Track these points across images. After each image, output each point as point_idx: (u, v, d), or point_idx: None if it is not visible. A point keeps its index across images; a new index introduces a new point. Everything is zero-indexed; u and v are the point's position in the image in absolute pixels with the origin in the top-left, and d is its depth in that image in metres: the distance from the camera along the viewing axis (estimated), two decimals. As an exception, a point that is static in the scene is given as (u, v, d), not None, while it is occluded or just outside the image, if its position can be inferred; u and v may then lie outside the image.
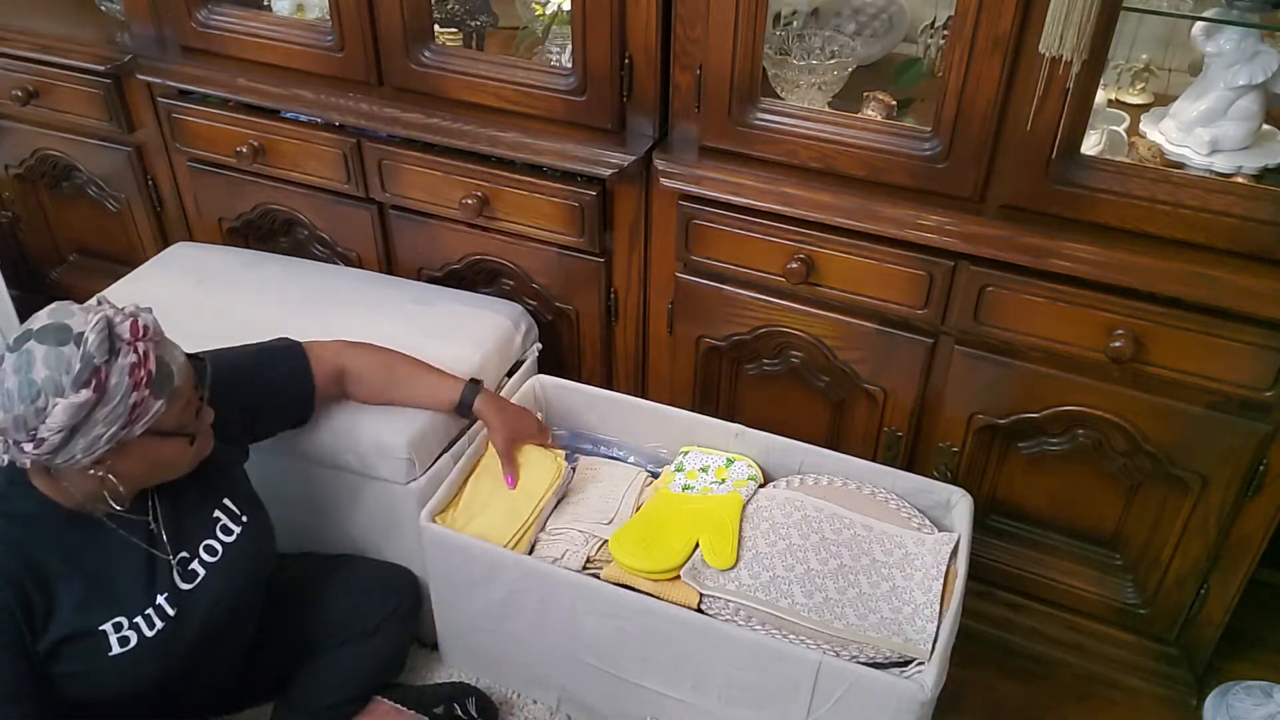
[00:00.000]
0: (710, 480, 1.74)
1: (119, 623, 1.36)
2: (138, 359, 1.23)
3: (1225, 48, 1.52)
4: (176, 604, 1.41)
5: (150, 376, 1.24)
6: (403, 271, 2.13)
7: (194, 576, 1.44)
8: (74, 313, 1.25)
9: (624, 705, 1.68)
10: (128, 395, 1.22)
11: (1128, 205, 1.49)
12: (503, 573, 1.62)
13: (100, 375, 1.21)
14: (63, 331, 1.22)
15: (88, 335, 1.21)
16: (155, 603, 1.39)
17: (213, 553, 1.47)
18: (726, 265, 1.78)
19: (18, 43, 2.20)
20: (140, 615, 1.38)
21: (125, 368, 1.22)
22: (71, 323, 1.23)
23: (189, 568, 1.44)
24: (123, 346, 1.23)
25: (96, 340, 1.21)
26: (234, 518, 1.51)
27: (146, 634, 1.38)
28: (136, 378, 1.23)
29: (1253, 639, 1.94)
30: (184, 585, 1.43)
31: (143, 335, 1.25)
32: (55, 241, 2.58)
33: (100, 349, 1.21)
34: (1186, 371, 1.55)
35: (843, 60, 1.81)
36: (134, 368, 1.23)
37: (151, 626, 1.38)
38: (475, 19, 2.02)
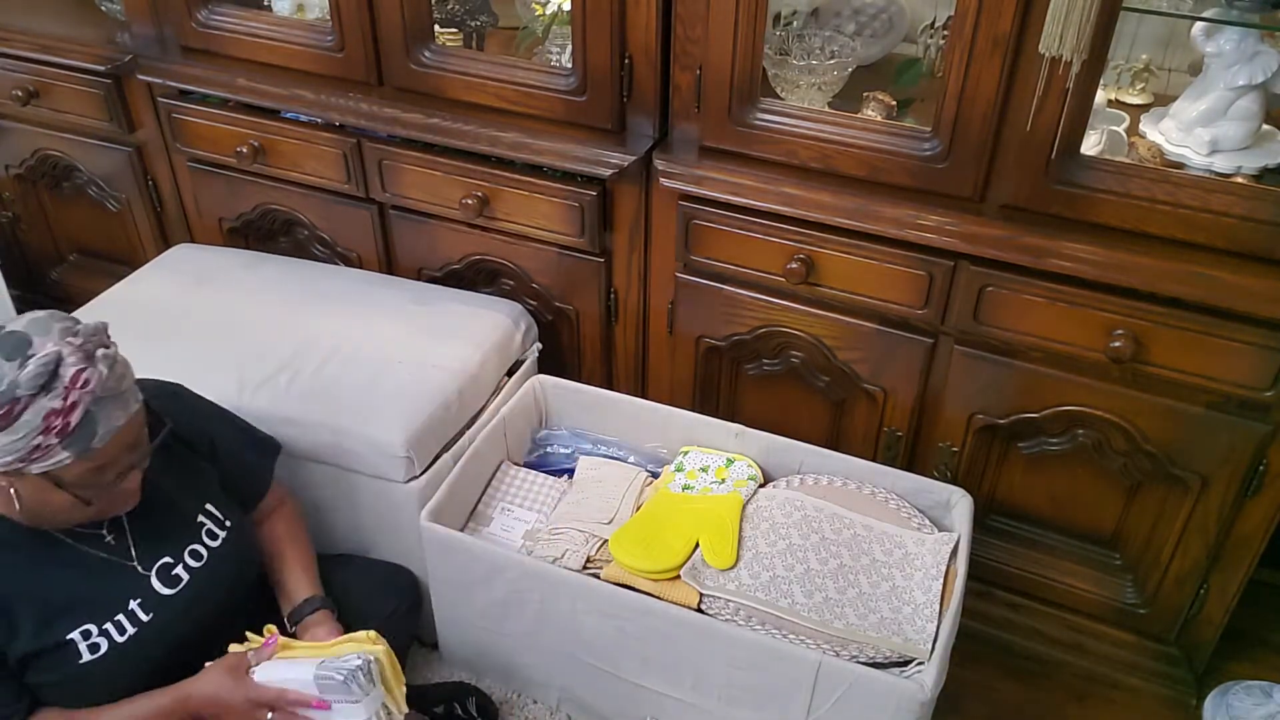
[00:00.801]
0: (710, 480, 1.74)
1: (87, 630, 1.36)
2: (61, 407, 1.19)
3: (1225, 48, 1.52)
4: (154, 609, 1.41)
5: (66, 428, 1.20)
6: (403, 271, 2.13)
7: (177, 581, 1.44)
8: (50, 331, 1.22)
9: (624, 705, 1.68)
10: (33, 435, 1.19)
11: (1127, 205, 1.49)
12: (503, 573, 1.62)
13: (15, 406, 1.18)
14: (19, 347, 1.20)
15: (30, 364, 1.18)
16: (127, 608, 1.39)
17: (198, 557, 1.47)
18: (726, 265, 1.78)
19: (18, 43, 2.20)
20: (109, 622, 1.37)
21: (44, 409, 1.19)
22: (35, 342, 1.20)
23: (172, 573, 1.44)
24: (56, 388, 1.19)
25: (34, 372, 1.18)
26: (218, 523, 1.51)
27: (117, 639, 1.37)
28: (50, 423, 1.19)
29: (1253, 639, 1.94)
30: (166, 590, 1.42)
31: (80, 386, 1.21)
32: (55, 241, 2.58)
33: (31, 382, 1.18)
34: (1186, 371, 1.55)
35: (843, 60, 1.81)
36: (53, 414, 1.19)
37: (123, 632, 1.38)
38: (475, 19, 2.03)
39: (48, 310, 1.27)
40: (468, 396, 1.82)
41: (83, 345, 1.23)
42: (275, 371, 1.79)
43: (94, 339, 1.26)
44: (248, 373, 1.79)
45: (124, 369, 1.29)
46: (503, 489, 1.82)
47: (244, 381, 1.77)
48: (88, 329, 1.26)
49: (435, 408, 1.74)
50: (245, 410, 1.70)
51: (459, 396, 1.80)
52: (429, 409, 1.74)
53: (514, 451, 1.88)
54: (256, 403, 1.73)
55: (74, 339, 1.23)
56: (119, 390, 1.26)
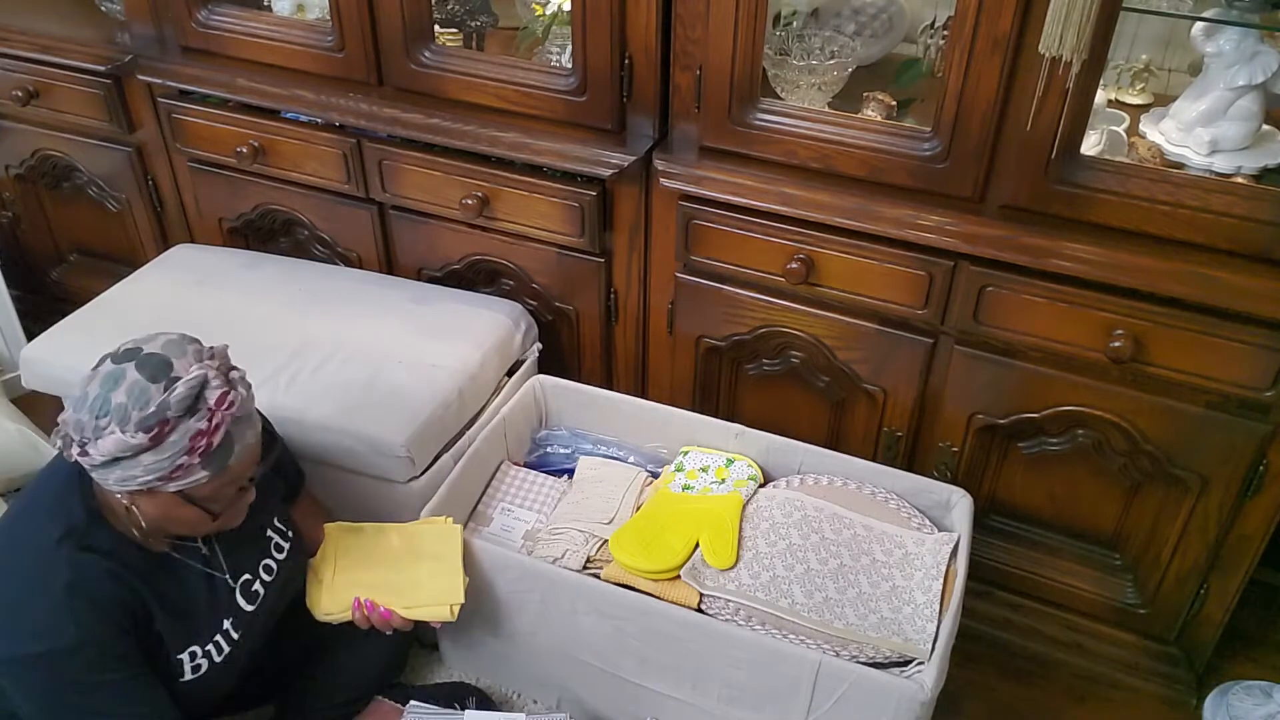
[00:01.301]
0: (710, 480, 1.74)
1: (194, 651, 1.39)
2: (206, 428, 1.23)
3: (1225, 48, 1.52)
4: (240, 626, 1.44)
5: (209, 448, 1.24)
6: (403, 271, 2.13)
7: (256, 597, 1.46)
8: (186, 353, 1.27)
9: (624, 705, 1.68)
10: (178, 456, 1.23)
11: (1127, 205, 1.49)
12: (503, 573, 1.62)
13: (165, 428, 1.21)
14: (163, 369, 1.23)
15: (179, 386, 1.22)
16: (223, 628, 1.42)
17: (270, 571, 1.49)
18: (726, 265, 1.78)
19: (18, 43, 2.20)
20: (211, 642, 1.40)
21: (191, 430, 1.23)
22: (177, 365, 1.24)
23: (252, 589, 1.46)
24: (202, 410, 1.23)
25: (183, 394, 1.22)
26: (283, 535, 1.53)
27: (216, 659, 1.40)
28: (195, 444, 1.23)
29: (1253, 639, 1.94)
30: (248, 607, 1.45)
31: (226, 407, 1.25)
32: (55, 241, 2.58)
33: (180, 404, 1.22)
34: (1186, 371, 1.55)
35: (843, 60, 1.81)
36: (198, 435, 1.23)
37: (220, 652, 1.41)
38: (475, 19, 2.03)
39: (171, 332, 1.30)
40: (468, 396, 1.83)
41: (220, 368, 1.27)
42: (275, 371, 1.79)
43: (225, 361, 1.30)
44: (248, 372, 1.78)
45: (250, 387, 1.33)
46: (503, 489, 1.82)
47: (244, 381, 1.77)
48: (220, 352, 1.31)
49: (435, 408, 1.75)
50: (245, 410, 1.70)
51: (459, 396, 1.80)
52: (429, 409, 1.74)
53: (514, 451, 1.88)
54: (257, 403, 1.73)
55: (211, 361, 1.27)
56: (250, 410, 1.31)
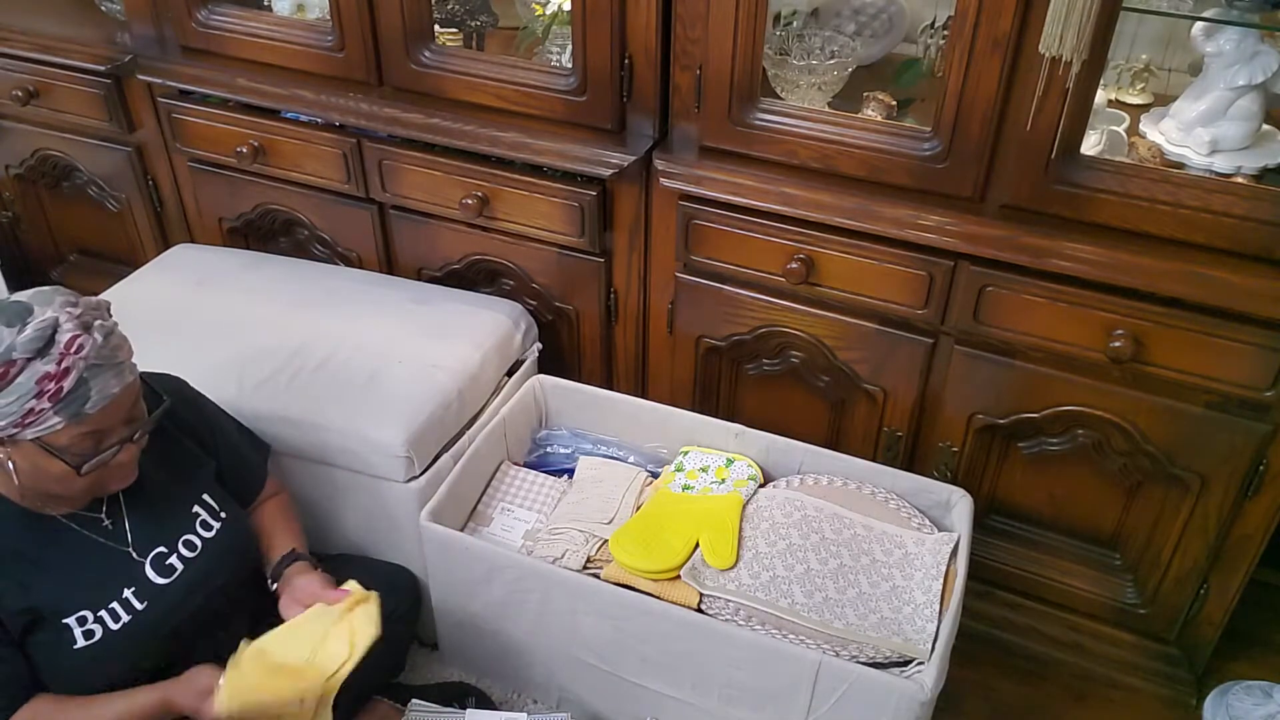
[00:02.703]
0: (710, 480, 1.74)
1: (83, 616, 1.37)
2: (54, 371, 1.22)
3: (1225, 48, 1.52)
4: (147, 597, 1.42)
5: (59, 392, 1.23)
6: (403, 271, 2.13)
7: (171, 571, 1.45)
8: (51, 302, 1.26)
9: (624, 705, 1.68)
10: (26, 398, 1.21)
11: (1127, 205, 1.49)
12: (503, 573, 1.62)
13: (10, 369, 1.21)
14: (20, 314, 1.23)
15: (27, 328, 1.22)
16: (121, 596, 1.40)
17: (192, 548, 1.48)
18: (726, 265, 1.78)
19: (18, 43, 2.20)
20: (104, 609, 1.39)
21: (38, 373, 1.21)
22: (36, 310, 1.24)
23: (166, 562, 1.45)
24: (51, 353, 1.22)
25: (31, 335, 1.21)
26: (213, 513, 1.52)
27: (112, 626, 1.39)
28: (43, 387, 1.22)
29: (1253, 639, 1.94)
30: (160, 579, 1.44)
31: (74, 352, 1.23)
32: (55, 241, 2.58)
33: (27, 346, 1.21)
34: (1186, 371, 1.55)
35: (843, 60, 1.81)
36: (45, 377, 1.22)
37: (117, 620, 1.39)
38: (475, 19, 2.03)
39: (54, 288, 1.30)
40: (468, 396, 1.82)
41: (81, 316, 1.26)
42: (275, 371, 1.79)
43: (93, 311, 1.29)
44: (248, 373, 1.79)
45: (120, 340, 1.32)
46: (503, 489, 1.82)
47: (244, 381, 1.77)
48: (88, 302, 1.30)
49: (435, 408, 1.74)
50: (245, 410, 1.70)
51: (459, 396, 1.80)
52: (429, 409, 1.74)
53: (514, 451, 1.88)
54: (256, 403, 1.73)
55: (73, 309, 1.26)
56: (114, 360, 1.29)
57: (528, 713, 1.74)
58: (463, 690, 1.76)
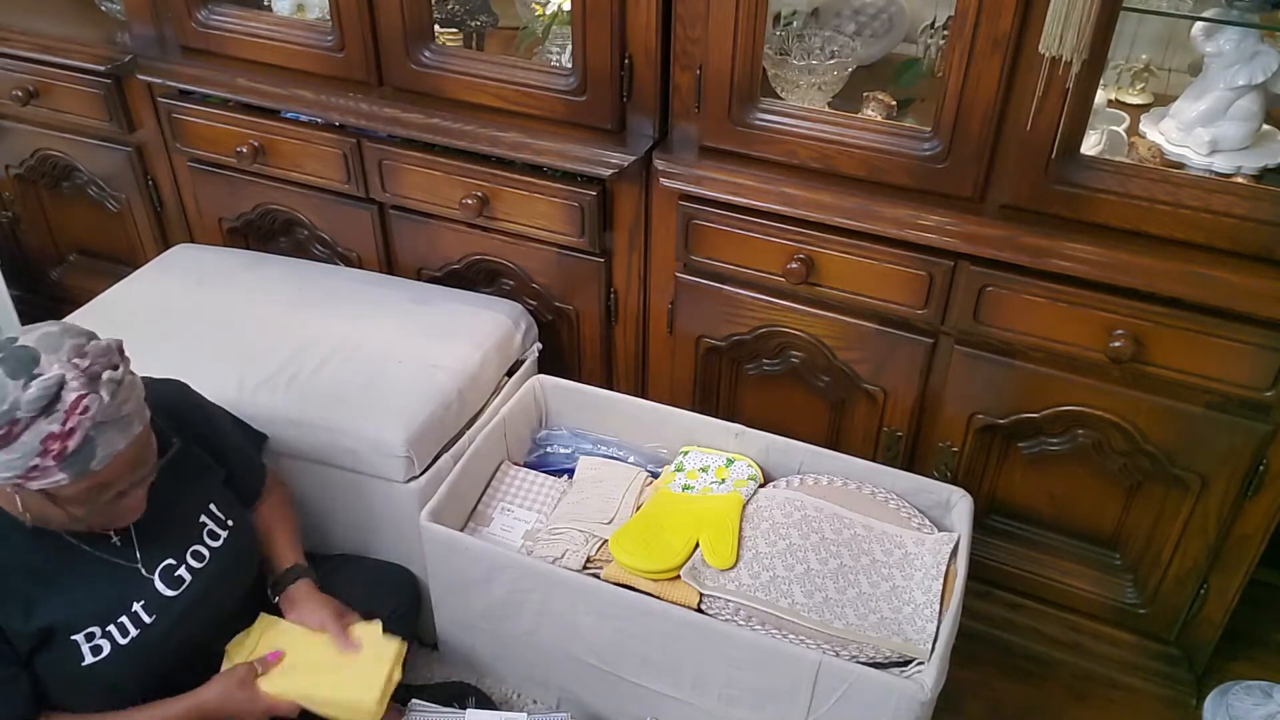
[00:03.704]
0: (710, 480, 1.74)
1: (91, 633, 1.36)
2: (59, 431, 1.19)
3: (1225, 48, 1.52)
4: (156, 610, 1.41)
5: (64, 451, 1.20)
6: (403, 271, 2.13)
7: (180, 583, 1.44)
8: (59, 349, 1.21)
9: (624, 705, 1.68)
10: (30, 456, 1.19)
11: (1127, 205, 1.49)
12: (503, 573, 1.62)
13: (15, 428, 1.18)
14: (26, 365, 1.19)
15: (33, 386, 1.18)
16: (130, 610, 1.39)
17: (200, 558, 1.47)
18: (726, 265, 1.78)
19: (18, 43, 2.20)
20: (113, 624, 1.38)
21: (44, 433, 1.18)
22: (42, 360, 1.20)
23: (175, 574, 1.44)
24: (57, 412, 1.19)
25: (36, 395, 1.18)
26: (219, 523, 1.51)
27: (120, 641, 1.38)
28: (48, 447, 1.19)
29: (1253, 639, 1.94)
30: (169, 591, 1.43)
31: (80, 412, 1.20)
32: (55, 241, 2.58)
33: (32, 405, 1.18)
34: (1186, 371, 1.55)
35: (843, 60, 1.81)
36: (51, 438, 1.19)
37: (125, 634, 1.38)
38: (475, 19, 2.03)
39: (61, 324, 1.26)
40: (468, 396, 1.82)
41: (89, 368, 1.22)
42: (275, 371, 1.79)
43: (102, 359, 1.24)
44: (248, 373, 1.79)
45: (129, 392, 1.27)
46: (503, 489, 1.82)
47: (244, 381, 1.77)
48: (98, 349, 1.25)
49: (435, 408, 1.74)
50: (245, 410, 1.70)
51: (459, 396, 1.80)
52: (429, 409, 1.74)
53: (514, 451, 1.88)
54: (256, 403, 1.73)
55: (81, 360, 1.22)
56: (120, 415, 1.25)
57: (528, 713, 1.74)
58: (462, 690, 1.76)
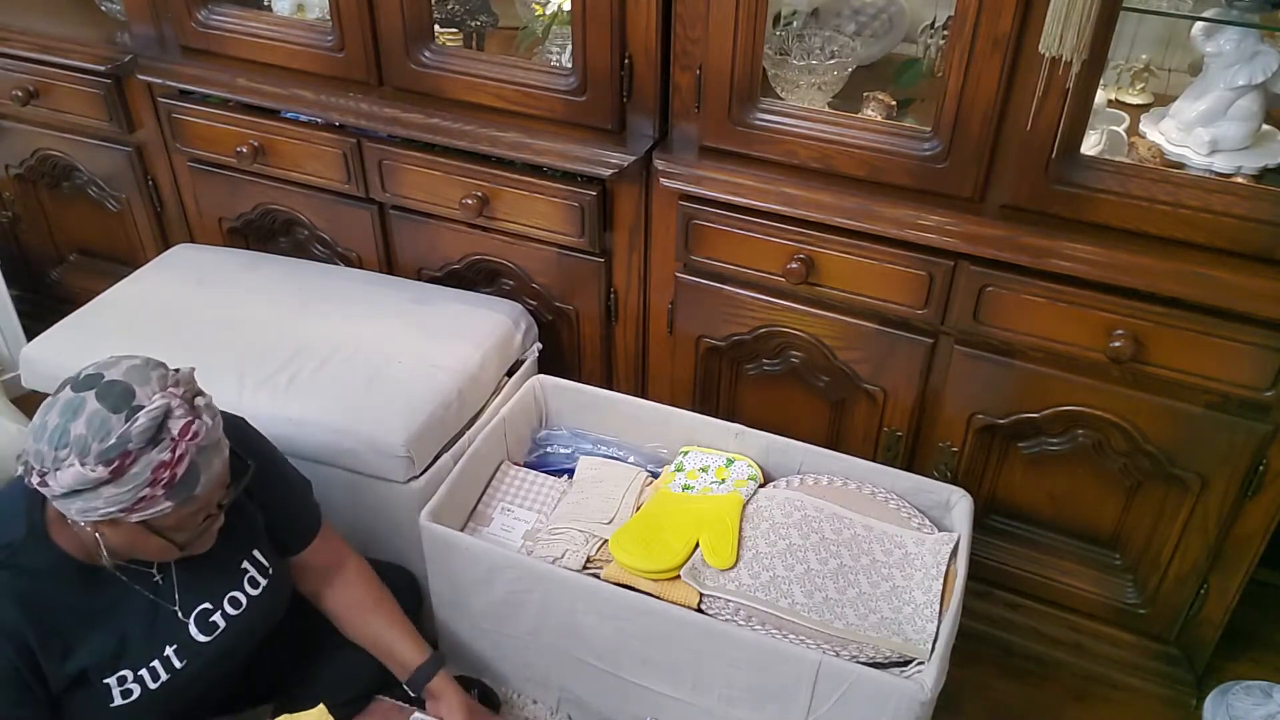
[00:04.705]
0: (710, 480, 1.74)
1: (123, 675, 1.36)
2: (170, 459, 1.19)
3: (1225, 48, 1.52)
4: (187, 655, 1.40)
5: (173, 479, 1.20)
6: (403, 271, 2.13)
7: (214, 629, 1.43)
8: (150, 380, 1.22)
9: (624, 705, 1.68)
10: (140, 488, 1.19)
11: (1127, 205, 1.49)
12: (503, 573, 1.62)
13: (126, 460, 1.17)
14: (124, 398, 1.20)
15: (140, 417, 1.18)
16: (162, 654, 1.39)
17: (237, 605, 1.46)
18: (726, 265, 1.78)
19: (18, 43, 2.20)
20: (145, 668, 1.37)
21: (154, 462, 1.19)
22: (138, 393, 1.21)
23: (210, 619, 1.43)
24: (165, 440, 1.19)
25: (145, 425, 1.18)
26: (261, 570, 1.49)
27: (150, 685, 1.37)
28: (158, 476, 1.19)
29: (1253, 639, 1.94)
30: (201, 637, 1.42)
31: (190, 438, 1.21)
32: (55, 241, 2.58)
33: (141, 436, 1.18)
34: (1186, 371, 1.55)
35: (843, 60, 1.81)
36: (161, 466, 1.19)
37: (156, 679, 1.38)
38: (475, 19, 2.03)
39: (137, 356, 1.27)
40: (468, 396, 1.83)
41: (184, 394, 1.23)
42: (275, 371, 1.79)
43: (190, 386, 1.26)
44: (248, 373, 1.79)
45: (216, 412, 1.28)
46: (503, 489, 1.82)
47: (244, 381, 1.77)
48: (185, 377, 1.27)
49: (435, 408, 1.75)
50: (245, 410, 1.69)
51: (459, 396, 1.80)
52: (429, 409, 1.74)
53: (514, 451, 1.88)
54: (256, 403, 1.73)
55: (175, 388, 1.23)
56: (216, 437, 1.26)
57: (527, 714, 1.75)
58: (466, 684, 1.76)
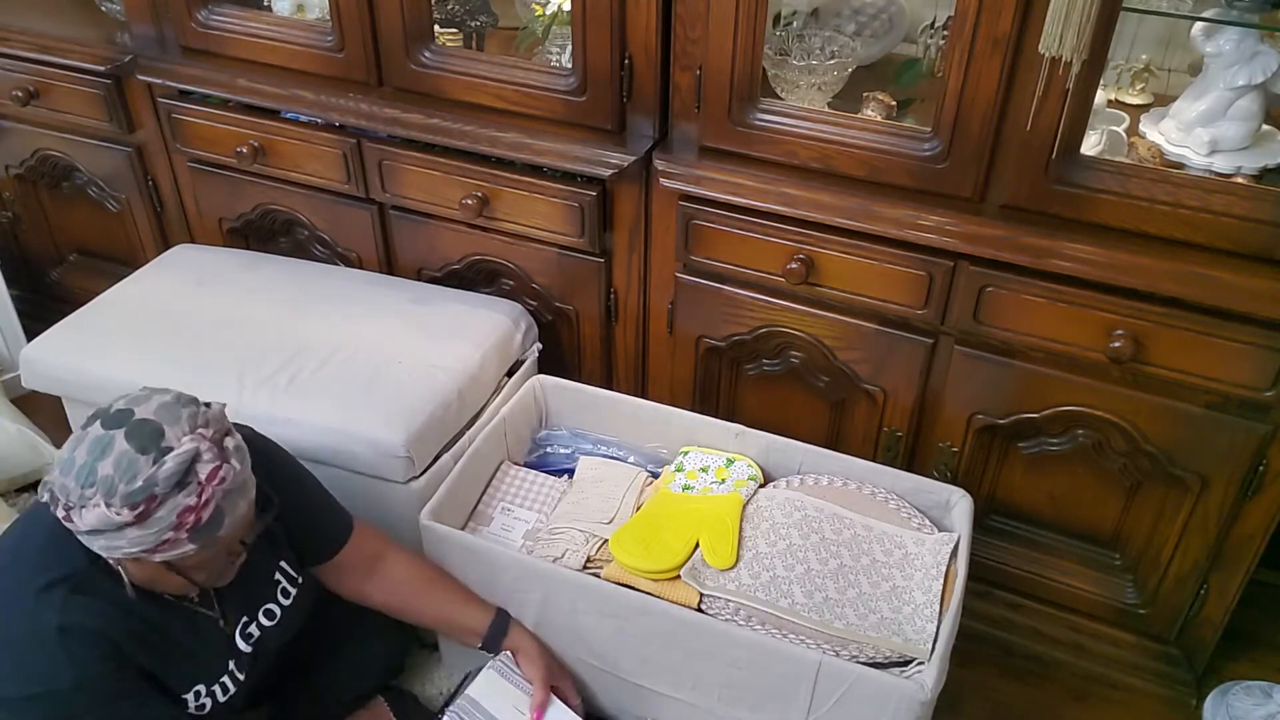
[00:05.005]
0: (710, 480, 1.74)
1: (199, 690, 1.37)
2: (195, 504, 1.19)
3: (1225, 48, 1.52)
4: (243, 667, 1.43)
5: (197, 523, 1.20)
6: (403, 271, 2.13)
7: (251, 638, 1.44)
8: (180, 419, 1.21)
9: (624, 705, 1.68)
10: (165, 531, 1.18)
11: (1127, 205, 1.49)
12: (503, 573, 1.62)
13: (152, 504, 1.17)
14: (153, 439, 1.19)
15: (168, 461, 1.17)
16: (228, 669, 1.41)
17: (271, 616, 1.47)
18: (726, 265, 1.78)
19: (18, 43, 2.20)
20: (217, 683, 1.39)
21: (179, 507, 1.18)
22: (168, 433, 1.20)
23: (248, 630, 1.44)
24: (191, 485, 1.19)
25: (172, 469, 1.17)
26: (291, 580, 1.50)
27: (220, 699, 1.39)
28: (184, 520, 1.18)
29: (1253, 639, 1.94)
30: (245, 648, 1.44)
31: (217, 483, 1.20)
32: (55, 241, 2.58)
33: (168, 480, 1.17)
34: (1186, 371, 1.55)
35: (843, 60, 1.81)
36: (187, 510, 1.18)
37: (226, 692, 1.40)
38: (475, 19, 2.03)
39: (169, 392, 1.26)
40: (468, 396, 1.83)
41: (214, 436, 1.22)
42: (275, 371, 1.79)
43: (220, 426, 1.25)
44: (248, 373, 1.79)
45: (244, 453, 1.27)
46: (503, 489, 1.82)
47: (244, 381, 1.77)
48: (215, 416, 1.25)
49: (435, 408, 1.75)
50: (245, 410, 1.70)
51: (459, 396, 1.80)
52: (429, 409, 1.74)
53: (514, 451, 1.88)
54: (256, 403, 1.73)
55: (205, 430, 1.22)
56: (244, 479, 1.25)
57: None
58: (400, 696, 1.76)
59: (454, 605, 1.61)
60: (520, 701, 1.56)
